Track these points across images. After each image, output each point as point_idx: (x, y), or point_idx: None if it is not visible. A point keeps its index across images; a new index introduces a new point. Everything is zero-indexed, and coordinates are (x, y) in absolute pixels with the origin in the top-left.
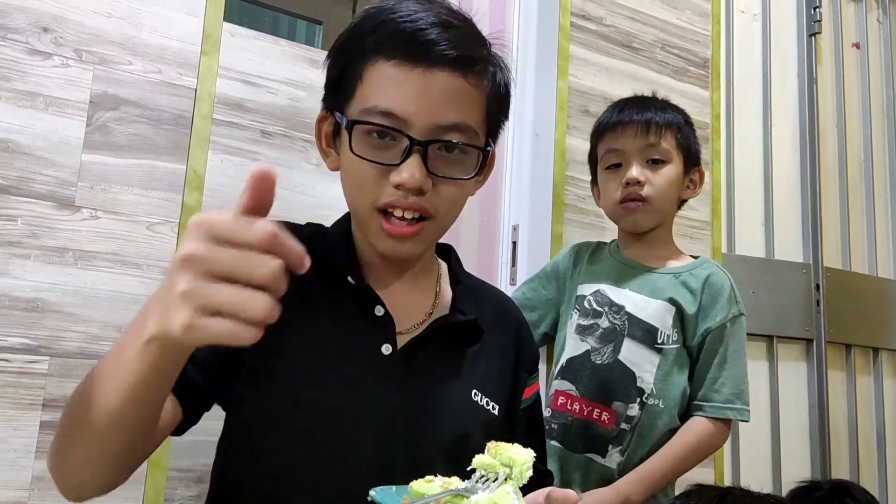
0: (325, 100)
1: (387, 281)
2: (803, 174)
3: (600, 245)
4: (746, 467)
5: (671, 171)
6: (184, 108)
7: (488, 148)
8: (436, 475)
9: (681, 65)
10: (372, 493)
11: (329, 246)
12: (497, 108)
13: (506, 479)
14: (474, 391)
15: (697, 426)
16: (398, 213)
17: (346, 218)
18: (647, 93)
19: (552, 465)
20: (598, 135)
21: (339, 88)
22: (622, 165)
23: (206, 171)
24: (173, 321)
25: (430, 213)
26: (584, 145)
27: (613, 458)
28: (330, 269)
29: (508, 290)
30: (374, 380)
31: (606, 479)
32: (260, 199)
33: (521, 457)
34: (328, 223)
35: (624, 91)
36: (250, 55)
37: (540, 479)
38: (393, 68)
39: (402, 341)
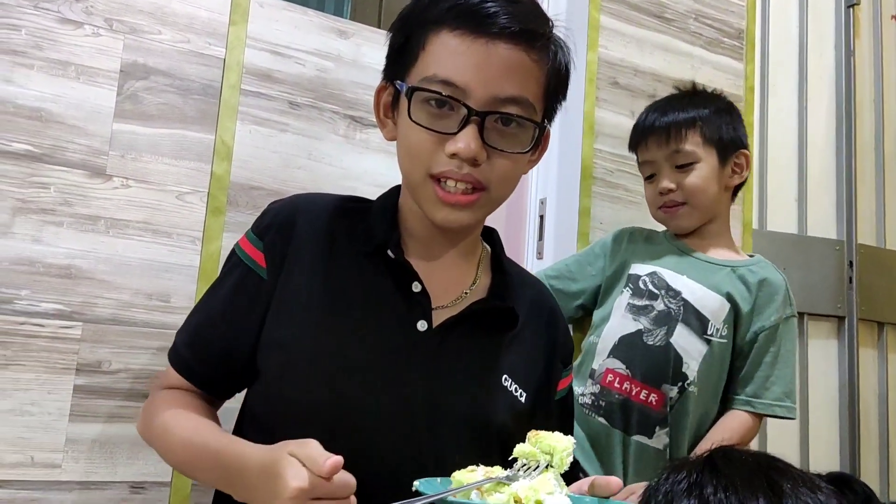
0: (386, 70)
1: (428, 257)
2: (839, 149)
3: (654, 231)
4: (773, 446)
5: (701, 169)
6: (212, 78)
7: (545, 124)
8: (478, 465)
9: (714, 36)
10: (416, 483)
11: (372, 218)
12: (555, 87)
13: (547, 467)
14: (504, 376)
15: (743, 422)
16: (451, 183)
17: (393, 192)
18: (680, 66)
19: (599, 442)
20: (632, 147)
21: (400, 57)
22: (656, 175)
23: (235, 142)
24: None
25: (483, 185)
26: (613, 118)
27: (661, 440)
28: (370, 242)
29: (535, 264)
30: (406, 354)
31: (657, 461)
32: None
33: (561, 444)
34: (356, 195)
35: (655, 63)
36: (279, 25)
37: (569, 469)
38: (455, 39)
39: (437, 318)
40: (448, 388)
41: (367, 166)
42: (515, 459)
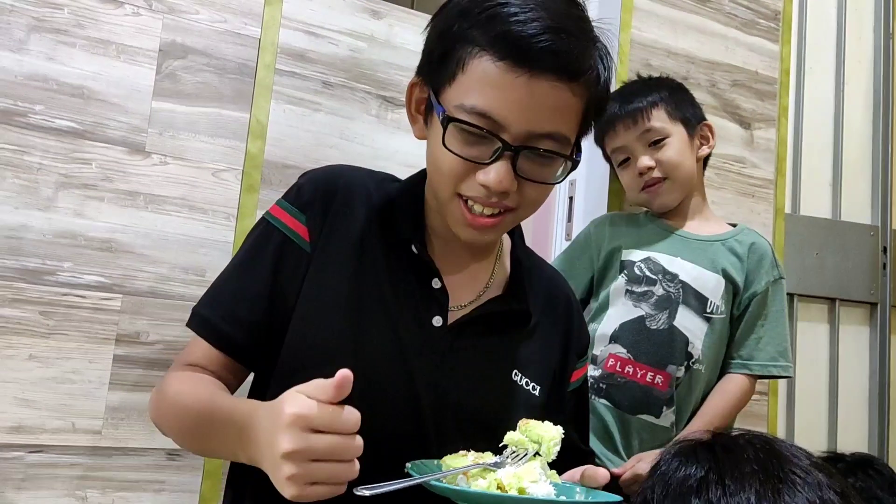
0: (422, 69)
1: (449, 252)
2: (875, 133)
3: (632, 214)
4: (801, 433)
5: (674, 143)
6: (248, 58)
7: (577, 158)
8: (469, 450)
9: (750, 17)
10: (408, 465)
11: (398, 208)
12: (594, 111)
13: (535, 455)
14: (515, 371)
15: (739, 384)
16: (479, 206)
17: (420, 177)
18: (714, 47)
19: (603, 423)
20: (599, 139)
21: (438, 67)
22: (630, 159)
23: (269, 121)
24: (282, 487)
25: (511, 208)
26: None
27: (668, 418)
28: (395, 232)
29: (564, 245)
30: (419, 349)
31: (665, 438)
32: (343, 394)
33: (549, 433)
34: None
35: (688, 44)
36: (312, 5)
37: (582, 458)
38: (498, 70)
39: (452, 316)
40: (457, 384)
41: (398, 146)
42: (506, 446)
